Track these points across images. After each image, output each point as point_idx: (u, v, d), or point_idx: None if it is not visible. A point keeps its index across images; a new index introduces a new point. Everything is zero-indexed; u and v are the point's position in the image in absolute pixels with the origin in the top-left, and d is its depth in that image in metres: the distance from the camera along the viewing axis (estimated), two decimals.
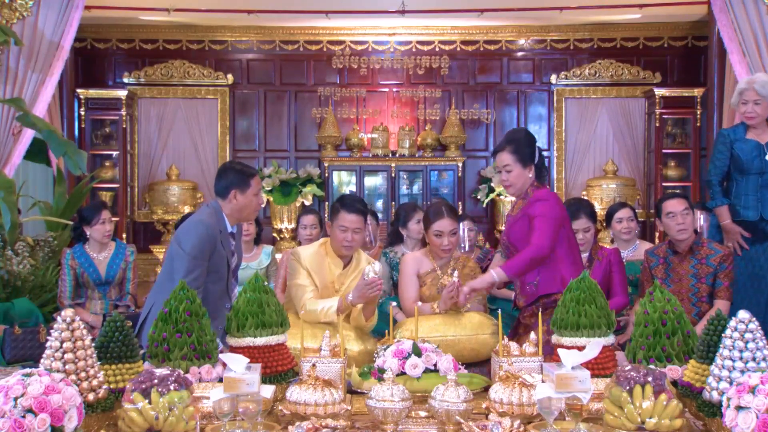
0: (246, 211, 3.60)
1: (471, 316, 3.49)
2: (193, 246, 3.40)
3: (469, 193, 8.86)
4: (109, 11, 8.06)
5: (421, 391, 2.65)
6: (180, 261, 3.42)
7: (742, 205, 4.60)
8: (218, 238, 3.47)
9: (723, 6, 5.98)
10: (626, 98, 8.90)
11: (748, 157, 4.52)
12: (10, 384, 1.97)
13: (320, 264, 3.68)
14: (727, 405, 2.06)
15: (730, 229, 4.61)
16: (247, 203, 3.57)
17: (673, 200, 4.37)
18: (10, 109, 5.80)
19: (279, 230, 8.46)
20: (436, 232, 3.81)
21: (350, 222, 3.64)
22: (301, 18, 8.47)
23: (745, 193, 4.59)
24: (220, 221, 3.54)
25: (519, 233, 3.50)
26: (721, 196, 4.65)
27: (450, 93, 9.01)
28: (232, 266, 3.64)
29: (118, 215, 8.16)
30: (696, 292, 4.18)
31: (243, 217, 3.65)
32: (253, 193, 3.58)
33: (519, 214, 3.54)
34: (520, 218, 3.52)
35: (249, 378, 2.24)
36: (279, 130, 9.09)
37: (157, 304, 3.47)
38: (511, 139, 3.58)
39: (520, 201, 3.59)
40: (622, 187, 8.40)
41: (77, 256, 4.98)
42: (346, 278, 3.72)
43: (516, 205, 3.62)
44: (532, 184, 3.56)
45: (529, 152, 3.53)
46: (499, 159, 3.57)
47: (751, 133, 4.57)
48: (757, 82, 4.50)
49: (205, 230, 3.43)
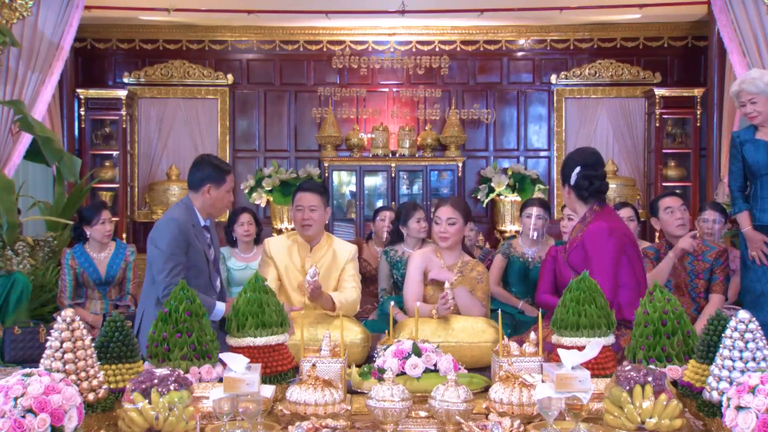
0: (217, 206, 3.66)
1: (473, 322, 3.48)
2: (168, 243, 3.46)
3: (469, 193, 8.85)
4: (109, 11, 8.06)
5: (421, 391, 2.65)
6: (158, 260, 3.48)
7: (758, 209, 4.28)
8: (191, 232, 3.54)
9: (723, 6, 5.99)
10: (626, 98, 8.89)
11: (756, 158, 4.24)
12: (10, 384, 1.97)
13: (288, 250, 3.77)
14: (727, 405, 2.06)
15: (751, 237, 4.28)
16: (219, 198, 3.63)
17: (670, 197, 4.42)
18: (10, 110, 5.80)
19: (279, 230, 8.46)
20: (436, 219, 3.87)
21: (303, 200, 3.74)
22: (301, 18, 8.47)
23: (760, 196, 4.28)
24: (192, 216, 3.59)
25: (577, 260, 3.44)
26: (742, 202, 4.34)
27: (450, 93, 9.01)
28: (211, 259, 3.69)
29: (118, 215, 8.16)
30: (694, 288, 4.22)
31: (214, 213, 3.71)
32: (226, 189, 3.65)
33: (576, 243, 3.48)
34: (577, 246, 3.46)
35: (249, 378, 2.24)
36: (279, 130, 9.09)
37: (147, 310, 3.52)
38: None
39: (578, 225, 3.54)
40: (622, 187, 8.40)
41: (77, 256, 4.98)
42: (314, 260, 3.74)
43: (574, 230, 3.57)
44: (590, 207, 3.50)
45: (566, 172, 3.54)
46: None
47: (760, 133, 4.28)
48: (746, 81, 4.25)
49: (176, 226, 3.50)
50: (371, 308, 4.99)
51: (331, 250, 3.79)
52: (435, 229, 3.86)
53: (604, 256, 3.34)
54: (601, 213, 3.48)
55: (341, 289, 3.72)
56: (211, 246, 3.72)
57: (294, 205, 3.79)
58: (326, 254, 3.78)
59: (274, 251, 3.78)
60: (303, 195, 3.77)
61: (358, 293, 3.75)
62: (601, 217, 3.45)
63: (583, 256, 3.41)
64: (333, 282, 3.75)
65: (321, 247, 3.80)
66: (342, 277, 3.77)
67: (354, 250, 3.84)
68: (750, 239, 4.29)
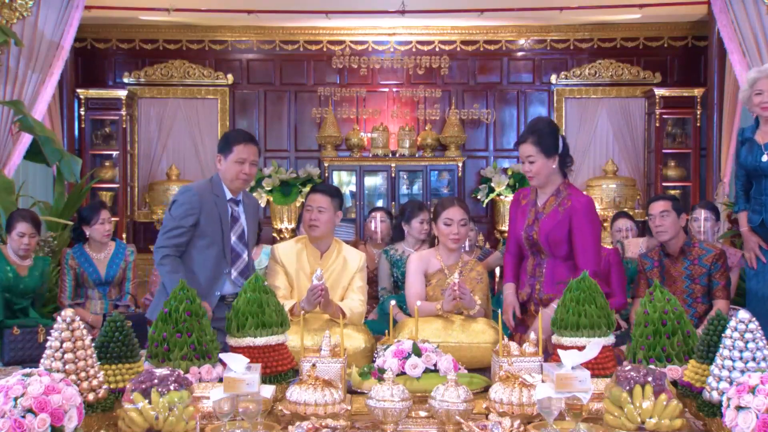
0: (228, 176, 3.62)
1: (474, 323, 3.47)
2: (175, 207, 3.58)
3: (469, 193, 8.85)
4: (109, 11, 8.07)
5: (421, 391, 2.65)
6: (164, 220, 3.63)
7: (750, 210, 4.21)
8: (210, 201, 3.57)
9: (723, 6, 5.99)
10: (626, 98, 8.89)
11: (746, 160, 4.13)
12: (10, 384, 1.97)
13: (297, 256, 3.72)
14: (727, 405, 2.06)
15: (746, 238, 4.22)
16: (227, 168, 3.61)
17: (656, 202, 4.37)
18: (10, 110, 5.80)
19: (279, 230, 8.46)
20: (446, 221, 3.75)
21: (313, 200, 3.72)
22: (301, 18, 8.47)
23: (753, 197, 4.20)
24: (216, 187, 3.64)
25: (559, 235, 3.41)
26: (742, 202, 4.26)
27: (450, 93, 9.01)
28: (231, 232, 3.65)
29: (118, 215, 8.17)
30: (690, 293, 4.18)
31: (232, 185, 3.65)
32: (234, 159, 3.58)
33: (559, 216, 3.42)
34: (561, 220, 3.41)
35: (249, 378, 2.24)
36: (279, 130, 9.09)
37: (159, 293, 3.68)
38: (533, 129, 3.47)
39: (552, 198, 3.48)
40: (622, 187, 8.40)
41: (77, 256, 4.98)
42: (325, 267, 3.69)
43: (548, 203, 3.49)
44: (563, 181, 3.48)
45: (552, 142, 3.43)
46: (522, 150, 3.46)
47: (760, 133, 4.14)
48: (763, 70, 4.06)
49: (187, 193, 3.59)
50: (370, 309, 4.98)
51: (341, 258, 3.74)
52: (445, 230, 3.75)
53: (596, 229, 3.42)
54: (572, 186, 3.52)
55: (348, 299, 3.67)
56: (238, 220, 3.69)
57: (305, 205, 3.80)
58: (336, 261, 3.74)
59: (284, 257, 3.72)
60: (313, 196, 3.77)
61: (364, 308, 3.72)
62: (576, 191, 3.50)
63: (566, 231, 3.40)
64: (342, 291, 3.70)
65: (331, 253, 3.75)
66: (350, 287, 3.71)
67: (363, 258, 3.79)
68: (745, 240, 4.25)
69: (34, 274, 4.84)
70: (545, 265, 3.49)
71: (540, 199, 3.53)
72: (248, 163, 3.59)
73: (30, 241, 4.78)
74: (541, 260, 3.51)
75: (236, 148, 3.58)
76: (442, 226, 3.77)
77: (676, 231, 4.25)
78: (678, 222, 4.28)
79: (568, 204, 3.43)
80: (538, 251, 3.51)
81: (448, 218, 3.75)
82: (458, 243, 3.78)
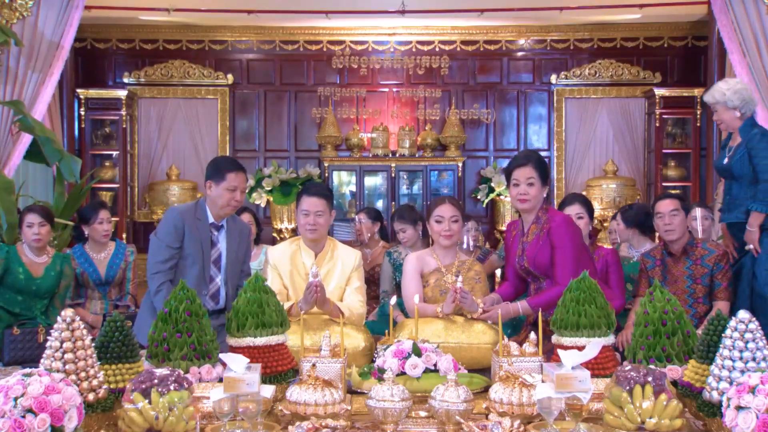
0: (218, 203, 3.69)
1: (475, 323, 3.46)
2: (160, 230, 3.68)
3: (469, 193, 8.85)
4: (109, 11, 8.07)
5: (421, 391, 2.65)
6: (151, 245, 3.69)
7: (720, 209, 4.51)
8: (192, 224, 3.66)
9: (723, 6, 5.98)
10: (626, 98, 8.89)
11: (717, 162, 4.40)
12: (10, 384, 1.97)
13: (291, 258, 3.70)
14: (727, 405, 2.06)
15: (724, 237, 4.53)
16: (218, 195, 3.67)
17: (664, 201, 4.37)
18: (10, 110, 5.80)
19: (279, 230, 8.46)
20: (437, 218, 3.78)
21: (310, 205, 3.68)
22: (301, 18, 8.47)
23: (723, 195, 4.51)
24: (200, 211, 3.72)
25: (545, 258, 3.54)
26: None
27: (450, 93, 9.01)
28: (209, 256, 3.72)
29: (118, 215, 8.16)
30: (692, 293, 4.17)
31: (219, 211, 3.72)
32: (226, 187, 3.65)
33: (541, 240, 3.54)
34: (543, 244, 3.53)
35: (249, 378, 2.24)
36: (279, 130, 9.09)
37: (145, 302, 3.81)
38: (532, 156, 3.64)
39: (533, 226, 3.60)
40: (622, 187, 8.40)
41: (77, 256, 4.98)
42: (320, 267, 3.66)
43: (530, 231, 3.61)
44: (542, 206, 3.62)
45: (547, 172, 3.65)
46: (523, 172, 3.57)
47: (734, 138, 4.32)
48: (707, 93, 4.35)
49: (171, 215, 3.68)
50: (370, 310, 4.97)
51: (336, 257, 3.72)
52: (437, 228, 3.79)
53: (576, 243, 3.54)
54: (551, 209, 3.67)
55: (347, 300, 3.65)
56: (216, 245, 3.74)
57: (299, 209, 3.72)
58: (331, 261, 3.73)
59: (277, 260, 3.70)
60: (310, 200, 3.69)
61: (365, 309, 3.71)
62: (553, 211, 3.65)
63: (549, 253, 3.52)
64: (339, 291, 3.68)
65: (326, 253, 3.73)
66: (348, 287, 3.70)
67: (359, 256, 3.77)
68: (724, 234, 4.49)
69: (50, 273, 4.68)
70: (545, 286, 3.62)
71: (525, 227, 3.68)
72: (239, 190, 3.69)
73: (40, 230, 4.65)
74: (540, 284, 3.65)
75: (229, 176, 3.65)
76: (433, 223, 3.82)
77: (683, 231, 4.26)
78: (685, 221, 4.30)
79: (547, 227, 3.56)
80: (535, 277, 3.65)
81: (439, 215, 3.79)
82: (450, 239, 3.79)
